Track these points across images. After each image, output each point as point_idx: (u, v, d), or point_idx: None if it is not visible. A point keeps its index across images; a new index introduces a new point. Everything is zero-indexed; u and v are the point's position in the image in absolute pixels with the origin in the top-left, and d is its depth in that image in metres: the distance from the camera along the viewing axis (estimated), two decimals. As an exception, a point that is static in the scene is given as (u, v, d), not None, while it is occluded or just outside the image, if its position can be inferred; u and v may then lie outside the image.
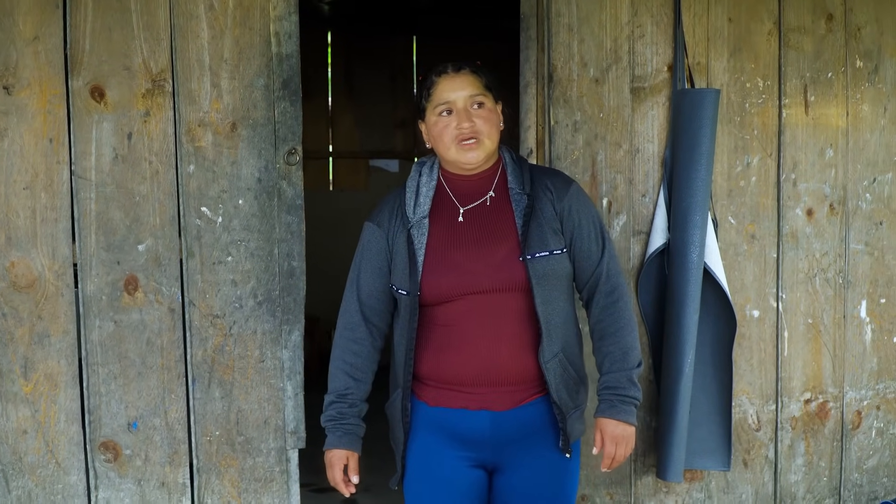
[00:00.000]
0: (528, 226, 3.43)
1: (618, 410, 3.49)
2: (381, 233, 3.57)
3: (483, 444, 3.48)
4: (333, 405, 3.56)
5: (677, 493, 4.79)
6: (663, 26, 4.54)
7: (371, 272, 3.57)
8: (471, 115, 3.45)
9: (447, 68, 3.52)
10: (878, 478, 5.26)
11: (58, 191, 3.87)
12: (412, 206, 3.54)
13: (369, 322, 3.58)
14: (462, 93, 3.46)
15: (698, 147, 4.36)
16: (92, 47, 3.88)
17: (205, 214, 4.02)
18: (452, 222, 3.50)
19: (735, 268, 4.75)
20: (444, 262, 3.44)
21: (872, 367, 5.16)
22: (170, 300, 4.00)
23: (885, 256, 5.12)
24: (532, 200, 3.48)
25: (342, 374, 3.57)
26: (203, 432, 4.08)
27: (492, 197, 3.53)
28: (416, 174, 3.64)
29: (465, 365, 3.43)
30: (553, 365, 3.44)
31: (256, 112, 4.06)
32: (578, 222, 3.51)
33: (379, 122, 10.78)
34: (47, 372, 3.90)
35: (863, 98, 4.99)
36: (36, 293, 3.86)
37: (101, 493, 3.99)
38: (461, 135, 3.44)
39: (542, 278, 3.41)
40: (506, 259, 3.41)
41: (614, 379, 3.50)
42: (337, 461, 3.54)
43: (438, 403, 3.49)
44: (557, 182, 3.57)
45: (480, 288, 3.40)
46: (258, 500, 4.18)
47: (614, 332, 3.53)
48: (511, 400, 3.46)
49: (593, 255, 3.53)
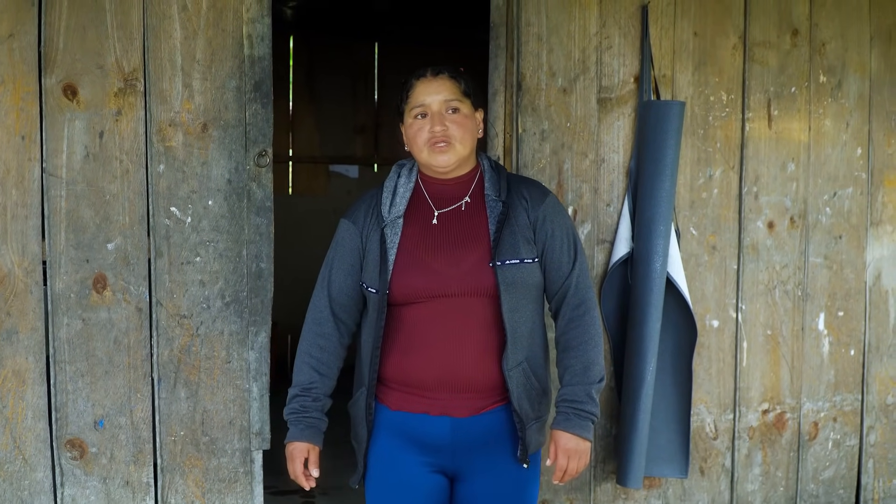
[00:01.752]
0: (500, 233, 3.45)
1: (573, 424, 3.47)
2: (356, 230, 3.58)
3: (443, 450, 3.49)
4: (297, 398, 3.56)
5: (636, 500, 4.83)
6: (631, 38, 4.59)
7: (343, 269, 3.58)
8: (444, 120, 3.46)
9: (426, 72, 3.54)
10: (835, 489, 5.32)
11: (29, 188, 3.87)
12: (388, 206, 3.55)
13: (338, 318, 3.59)
14: (437, 97, 3.48)
15: (663, 158, 4.41)
16: (66, 45, 3.88)
17: (174, 214, 4.04)
18: (426, 224, 3.52)
19: (696, 278, 4.80)
20: (414, 262, 3.45)
21: (830, 380, 5.23)
22: (137, 299, 4.01)
23: (843, 270, 5.18)
24: (507, 208, 3.50)
25: (307, 368, 3.57)
26: (168, 432, 4.09)
27: (467, 203, 3.55)
28: (394, 175, 3.65)
29: (428, 368, 3.44)
30: (516, 373, 3.45)
31: (227, 113, 4.08)
32: (551, 233, 3.52)
33: (339, 127, 10.77)
34: (15, 368, 3.90)
35: (825, 113, 5.06)
36: (5, 289, 3.86)
37: (67, 490, 3.99)
38: (433, 138, 3.45)
39: (511, 286, 3.42)
40: (476, 264, 3.43)
41: (572, 392, 3.49)
42: (298, 454, 3.53)
43: (400, 408, 3.50)
44: (534, 191, 3.59)
45: (449, 291, 3.42)
46: (222, 500, 4.18)
47: (577, 345, 3.52)
48: (472, 407, 3.47)
49: (564, 267, 3.54)
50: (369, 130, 10.86)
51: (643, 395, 4.44)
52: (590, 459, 4.61)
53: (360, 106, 10.84)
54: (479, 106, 3.61)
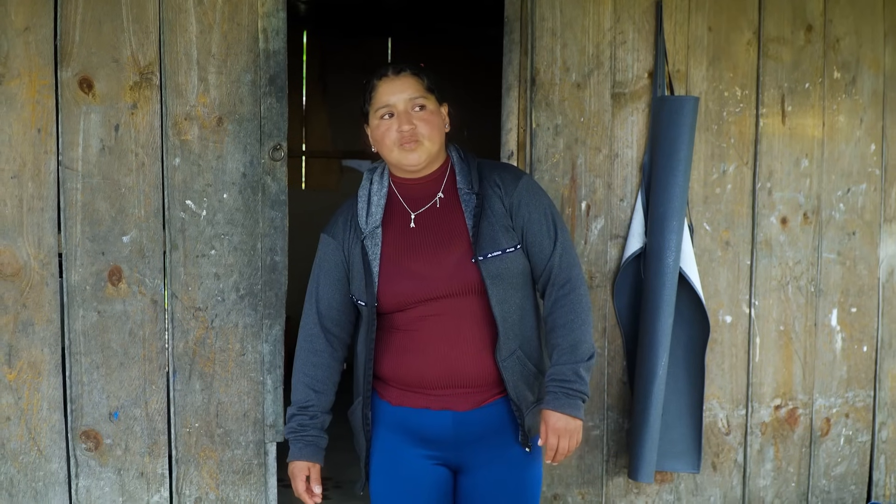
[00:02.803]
0: (478, 226, 3.44)
1: (562, 403, 3.41)
2: (337, 244, 3.58)
3: (446, 443, 3.50)
4: (295, 417, 3.58)
5: (647, 495, 4.84)
6: (645, 33, 4.60)
7: (329, 284, 3.59)
8: (411, 118, 3.45)
9: (387, 71, 3.54)
10: (846, 485, 5.32)
11: (45, 180, 3.89)
12: (364, 216, 3.55)
13: (329, 333, 3.59)
14: (402, 95, 3.47)
15: (676, 153, 4.41)
16: (82, 39, 3.90)
17: (189, 208, 4.06)
18: (405, 229, 3.52)
19: (709, 273, 4.80)
20: (399, 270, 3.45)
21: (842, 376, 5.22)
22: (153, 292, 4.03)
23: (857, 266, 5.18)
24: (481, 199, 3.49)
25: (303, 387, 3.58)
26: (183, 424, 4.11)
27: (441, 198, 3.54)
28: (367, 182, 3.66)
29: (426, 368, 3.45)
30: (511, 363, 3.46)
31: (243, 107, 4.10)
32: (529, 217, 3.50)
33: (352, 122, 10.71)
34: (31, 360, 3.92)
35: (839, 109, 5.06)
36: (21, 282, 3.89)
37: (82, 482, 4.02)
38: (402, 137, 3.44)
39: (496, 278, 3.42)
40: (459, 263, 3.43)
41: (560, 371, 3.44)
42: (299, 472, 3.56)
43: (401, 403, 3.51)
44: (506, 177, 3.56)
45: (437, 293, 3.42)
46: (236, 492, 4.21)
47: (564, 324, 3.48)
48: (473, 400, 3.47)
49: (545, 248, 3.51)
50: (382, 126, 10.85)
51: (655, 390, 4.44)
52: (602, 453, 4.65)
53: (373, 102, 10.83)
54: (443, 100, 3.59)
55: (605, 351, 4.66)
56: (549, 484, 4.65)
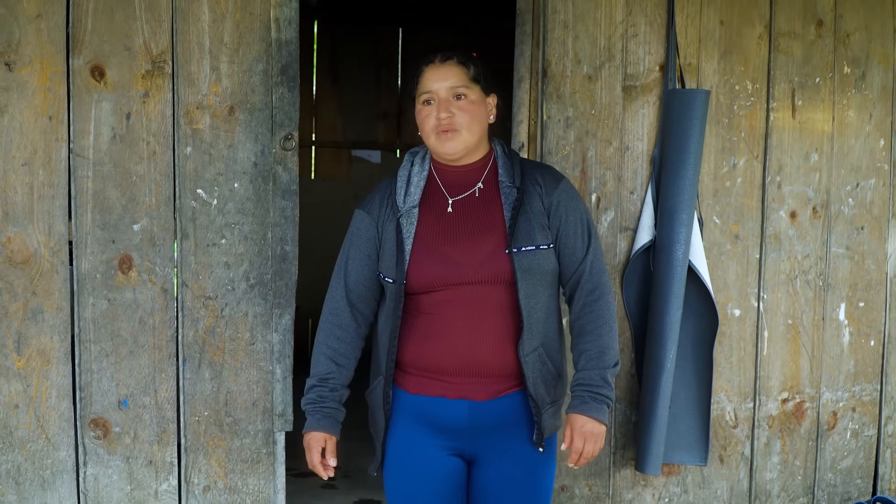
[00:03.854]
0: (515, 219, 3.45)
1: (589, 407, 3.46)
2: (371, 220, 3.58)
3: (461, 432, 3.50)
4: (314, 389, 3.57)
5: (654, 487, 4.84)
6: (656, 26, 4.60)
7: (359, 259, 3.59)
8: (450, 106, 3.46)
9: (435, 58, 3.54)
10: (852, 479, 5.33)
11: (56, 168, 3.89)
12: (402, 196, 3.55)
13: (355, 308, 3.59)
14: (445, 83, 3.48)
15: (687, 147, 4.41)
16: (94, 27, 3.90)
17: (200, 196, 4.06)
18: (441, 213, 3.52)
19: (718, 267, 4.80)
20: (431, 252, 3.46)
21: (849, 370, 5.23)
22: (163, 280, 4.04)
23: (865, 261, 5.18)
24: (521, 194, 3.50)
25: (325, 359, 3.58)
26: (192, 412, 4.12)
27: (480, 189, 3.54)
28: (407, 163, 3.65)
29: (447, 355, 3.45)
30: (532, 359, 3.46)
31: (254, 97, 4.10)
32: (565, 218, 3.52)
33: (362, 112, 10.78)
34: (40, 348, 3.93)
35: (849, 104, 5.06)
36: (31, 269, 3.89)
37: (90, 470, 4.02)
38: (440, 125, 3.46)
39: (527, 272, 3.42)
40: (492, 252, 3.43)
41: (588, 376, 3.49)
42: (315, 444, 3.54)
43: (418, 391, 3.51)
44: (547, 177, 3.58)
45: (466, 279, 3.42)
46: (244, 480, 4.21)
47: (592, 329, 3.52)
48: (490, 391, 3.48)
49: (578, 252, 3.53)
50: (392, 116, 10.87)
51: (663, 383, 4.45)
52: (609, 445, 4.66)
53: (382, 92, 10.84)
54: (491, 91, 3.59)
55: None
56: (557, 476, 4.63)
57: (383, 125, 10.90)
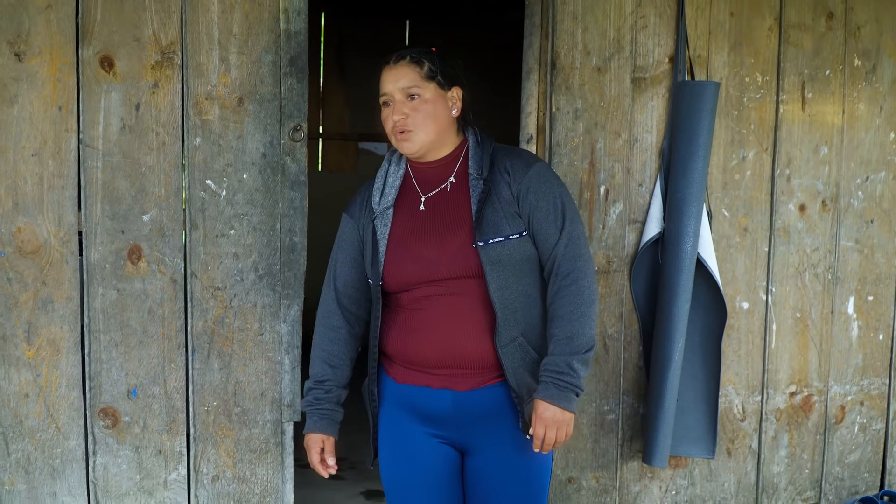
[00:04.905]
0: (481, 212, 3.44)
1: (552, 394, 3.39)
2: (354, 224, 3.64)
3: (446, 421, 3.53)
4: (311, 391, 3.65)
5: (661, 479, 4.85)
6: (666, 18, 4.59)
7: (346, 262, 3.66)
8: (403, 107, 3.48)
9: (389, 59, 3.56)
10: (860, 473, 5.33)
11: (65, 158, 3.90)
12: (378, 197, 3.59)
13: (346, 310, 3.66)
14: (397, 84, 3.50)
15: (696, 139, 4.41)
16: (103, 17, 3.90)
17: (209, 187, 4.06)
18: (414, 211, 3.54)
19: (727, 260, 4.80)
20: (404, 251, 3.49)
21: (857, 363, 5.23)
22: (172, 271, 4.04)
23: (874, 254, 5.18)
24: (488, 185, 3.49)
25: (319, 362, 3.66)
26: (201, 402, 4.13)
27: (452, 183, 3.55)
28: (385, 164, 3.69)
29: (428, 348, 3.47)
30: (511, 349, 3.46)
31: (263, 87, 4.10)
32: (536, 204, 3.48)
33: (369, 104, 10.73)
34: (50, 337, 3.93)
35: (859, 97, 5.05)
36: (41, 259, 3.89)
37: (99, 459, 4.03)
38: (395, 127, 3.50)
39: (497, 264, 3.42)
40: (460, 247, 3.44)
41: (553, 362, 3.41)
42: (314, 444, 3.63)
43: (405, 381, 3.55)
44: (517, 163, 3.55)
45: (438, 276, 3.44)
46: (252, 470, 4.22)
47: (563, 315, 3.45)
48: (472, 381, 3.49)
49: (551, 238, 3.49)
50: (399, 108, 10.84)
51: (671, 375, 4.45)
52: (617, 437, 4.65)
53: (390, 84, 10.81)
54: (454, 84, 3.57)
55: (622, 335, 4.66)
56: (564, 467, 4.66)
57: (391, 117, 10.87)
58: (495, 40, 9.48)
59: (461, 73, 3.63)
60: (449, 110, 3.55)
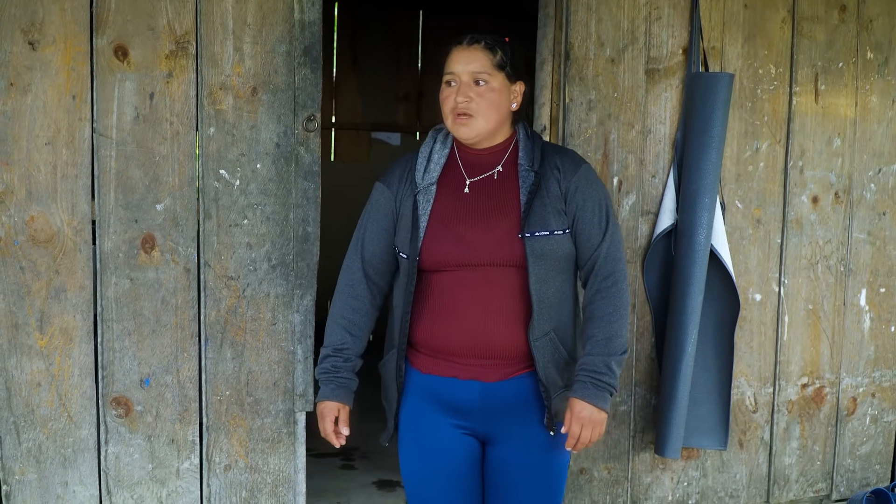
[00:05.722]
0: (531, 203, 3.44)
1: (590, 393, 3.43)
2: (390, 194, 3.60)
3: (472, 412, 3.51)
4: (329, 358, 3.60)
5: (673, 470, 4.85)
6: (680, 9, 4.59)
7: (376, 232, 3.61)
8: (469, 91, 3.45)
9: (463, 40, 3.51)
10: (871, 465, 5.33)
11: (79, 147, 3.89)
12: (422, 172, 3.56)
13: (370, 280, 3.62)
14: (468, 66, 3.46)
15: (710, 130, 4.41)
16: (117, 6, 3.89)
17: (223, 177, 4.06)
18: (458, 192, 3.52)
19: (740, 251, 4.80)
20: (445, 230, 3.46)
21: (869, 355, 5.23)
22: (185, 260, 4.04)
23: (886, 246, 5.18)
24: (539, 178, 3.49)
25: (340, 329, 3.61)
26: (213, 391, 4.13)
27: (499, 172, 3.54)
28: (430, 141, 3.65)
29: (458, 337, 3.46)
30: (543, 343, 3.46)
31: (277, 77, 4.10)
32: (582, 204, 3.50)
33: (382, 94, 10.74)
34: (62, 326, 3.93)
35: (872, 89, 5.05)
36: (54, 248, 3.89)
37: (111, 448, 4.03)
38: (456, 109, 3.46)
39: (539, 258, 3.42)
40: (505, 235, 3.43)
41: (592, 362, 3.45)
42: (328, 413, 3.57)
43: (430, 371, 3.53)
44: (567, 161, 3.57)
45: (478, 261, 3.43)
46: (265, 460, 4.22)
47: (602, 316, 3.50)
48: (500, 372, 3.48)
49: (594, 238, 3.51)
50: (412, 98, 10.83)
51: (683, 367, 4.45)
52: (629, 429, 4.66)
53: (403, 74, 10.80)
54: (519, 78, 3.56)
55: (635, 327, 4.66)
56: (576, 458, 4.66)
57: (403, 107, 10.85)
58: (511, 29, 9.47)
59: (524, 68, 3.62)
60: (510, 103, 3.54)
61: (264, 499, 4.25)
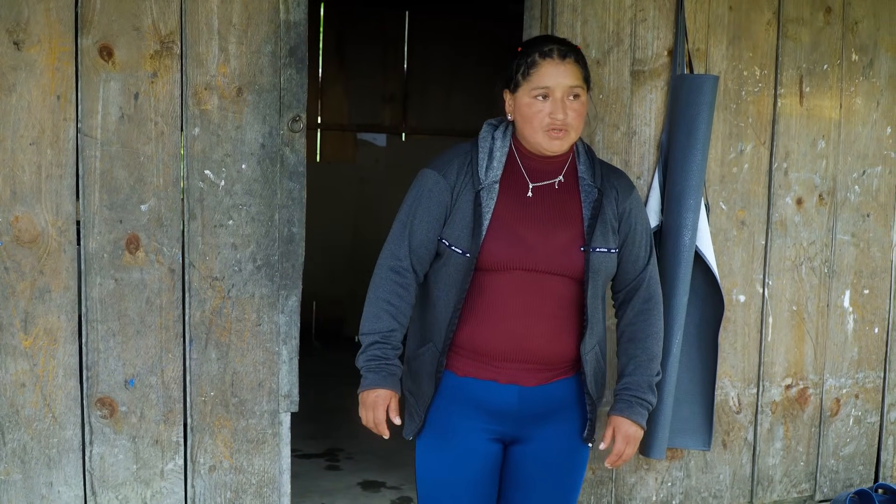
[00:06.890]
0: (595, 219, 3.46)
1: (634, 412, 3.54)
2: (447, 185, 3.49)
3: (509, 417, 3.51)
4: (377, 345, 3.48)
5: (658, 471, 4.86)
6: (665, 11, 4.60)
7: (427, 221, 3.50)
8: (566, 107, 3.40)
9: (553, 52, 3.43)
10: (854, 465, 5.35)
11: (63, 148, 3.88)
12: (484, 168, 3.49)
13: (414, 270, 3.53)
14: (563, 81, 3.40)
15: (695, 132, 4.41)
16: (102, 6, 3.89)
17: (208, 177, 4.06)
18: (521, 195, 3.48)
19: (724, 252, 4.81)
20: (506, 230, 3.42)
21: (853, 357, 5.24)
22: (170, 261, 4.04)
23: (870, 248, 5.19)
24: (601, 196, 3.50)
25: (387, 316, 3.49)
26: (198, 392, 4.12)
27: (560, 182, 3.52)
28: (488, 136, 3.57)
29: (503, 339, 3.44)
30: (591, 357, 3.51)
31: (262, 78, 4.09)
32: (633, 227, 3.56)
33: (368, 95, 10.75)
34: (47, 327, 3.93)
35: (857, 91, 5.06)
36: (39, 248, 3.88)
37: (96, 449, 4.03)
38: (553, 124, 3.40)
39: (596, 273, 3.44)
40: (567, 245, 3.43)
41: (636, 382, 3.56)
42: (382, 402, 3.44)
43: (467, 374, 3.50)
44: (622, 184, 3.59)
45: (536, 266, 3.41)
46: (249, 460, 4.22)
47: (644, 338, 3.59)
48: (539, 377, 3.49)
49: (640, 261, 3.59)
50: (398, 99, 10.83)
51: (668, 368, 4.45)
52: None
53: (389, 75, 10.80)
54: (590, 88, 3.54)
55: (619, 328, 4.67)
56: (560, 459, 4.66)
57: (389, 108, 10.86)
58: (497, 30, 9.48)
59: None
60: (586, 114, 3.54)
61: (249, 499, 4.25)
